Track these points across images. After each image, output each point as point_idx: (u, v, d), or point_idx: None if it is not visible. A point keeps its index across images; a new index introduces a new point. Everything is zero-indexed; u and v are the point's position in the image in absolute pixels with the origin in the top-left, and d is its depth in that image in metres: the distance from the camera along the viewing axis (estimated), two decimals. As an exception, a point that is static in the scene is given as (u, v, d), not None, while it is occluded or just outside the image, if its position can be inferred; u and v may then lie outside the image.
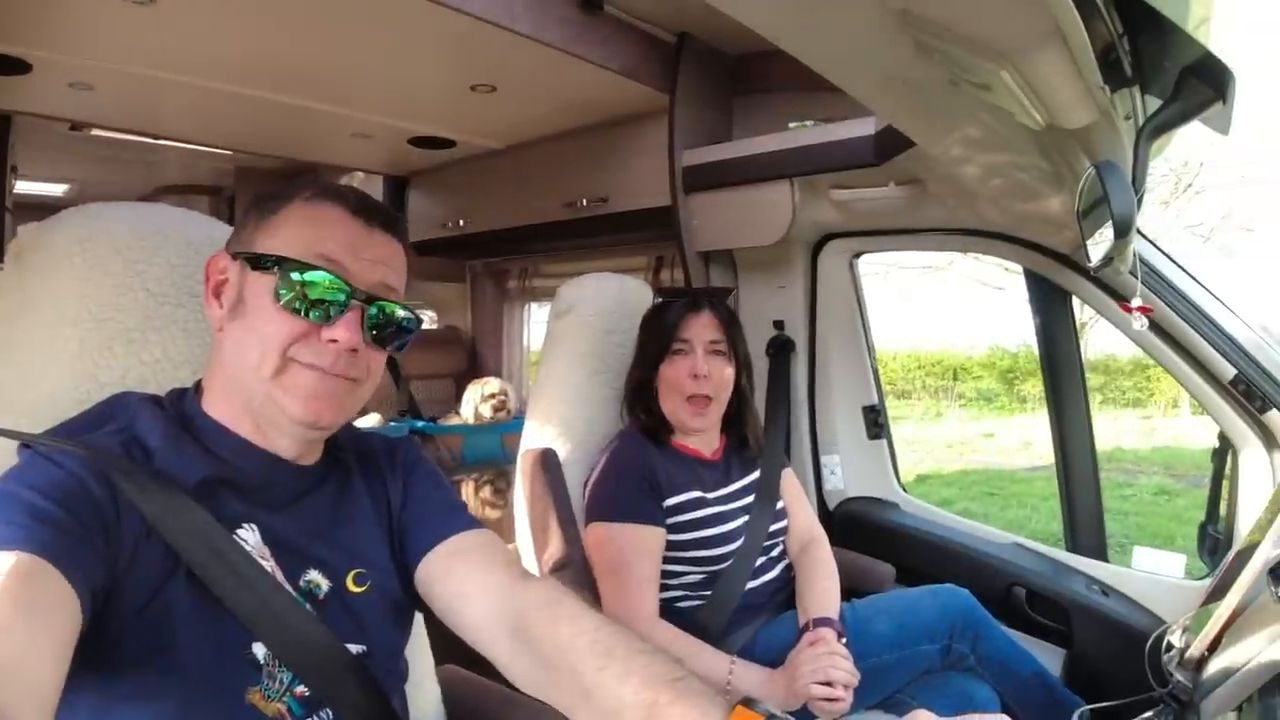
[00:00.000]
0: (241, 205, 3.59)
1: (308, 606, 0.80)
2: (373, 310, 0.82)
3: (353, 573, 0.85)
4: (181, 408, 0.83)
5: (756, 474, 1.61)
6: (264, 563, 0.78)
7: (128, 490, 0.71)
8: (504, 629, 0.80)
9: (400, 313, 0.85)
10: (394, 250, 0.86)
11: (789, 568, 1.59)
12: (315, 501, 0.86)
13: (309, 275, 0.78)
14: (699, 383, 1.48)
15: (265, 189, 0.85)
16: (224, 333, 0.81)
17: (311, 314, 0.79)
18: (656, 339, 1.54)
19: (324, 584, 0.83)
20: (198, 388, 0.86)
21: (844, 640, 1.36)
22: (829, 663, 1.29)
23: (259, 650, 0.76)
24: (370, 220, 0.84)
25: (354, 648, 0.82)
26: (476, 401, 3.13)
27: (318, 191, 0.83)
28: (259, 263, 0.79)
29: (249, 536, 0.79)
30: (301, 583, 0.81)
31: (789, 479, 1.68)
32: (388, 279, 0.84)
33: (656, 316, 1.57)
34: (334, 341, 0.79)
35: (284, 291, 0.78)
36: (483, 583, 0.84)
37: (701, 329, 1.51)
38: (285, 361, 0.79)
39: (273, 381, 0.78)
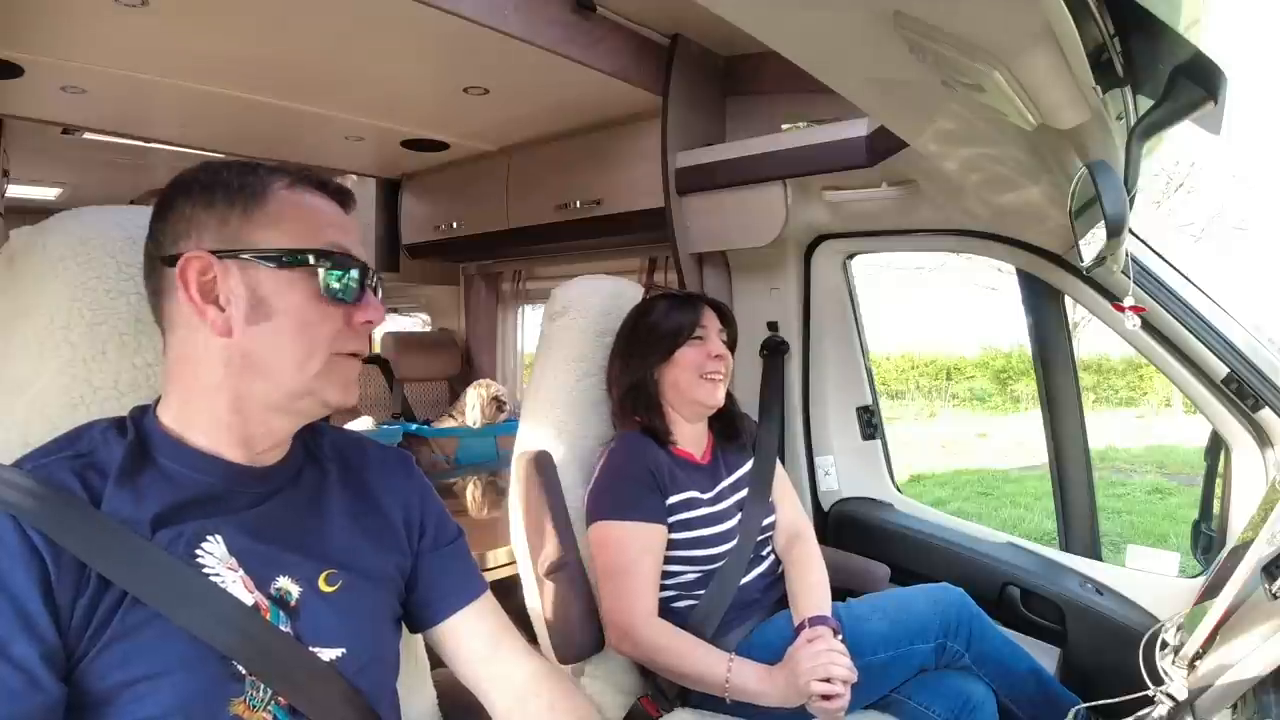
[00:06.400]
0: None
1: (281, 614, 0.79)
2: (373, 284, 0.87)
3: (324, 574, 0.84)
4: (142, 428, 0.80)
5: (748, 466, 1.63)
6: (231, 573, 0.77)
7: (65, 544, 0.70)
8: None
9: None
10: None
11: (779, 561, 1.60)
12: (283, 503, 0.85)
13: (343, 264, 0.81)
14: (717, 361, 1.55)
15: (194, 177, 0.82)
16: (237, 337, 0.77)
17: (349, 301, 0.82)
18: (667, 332, 1.56)
19: (294, 590, 0.81)
20: (157, 403, 0.83)
21: (841, 638, 1.37)
22: (829, 659, 1.29)
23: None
24: (344, 203, 0.88)
25: (331, 652, 0.82)
26: (482, 403, 3.09)
27: (295, 179, 0.84)
28: (278, 259, 0.78)
29: (214, 549, 0.77)
30: (272, 590, 0.80)
31: (777, 473, 1.68)
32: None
33: (662, 312, 1.58)
34: (368, 323, 0.84)
35: (332, 285, 0.81)
36: (506, 677, 0.96)
37: (713, 319, 1.59)
38: (330, 355, 0.81)
39: (316, 377, 0.80)
